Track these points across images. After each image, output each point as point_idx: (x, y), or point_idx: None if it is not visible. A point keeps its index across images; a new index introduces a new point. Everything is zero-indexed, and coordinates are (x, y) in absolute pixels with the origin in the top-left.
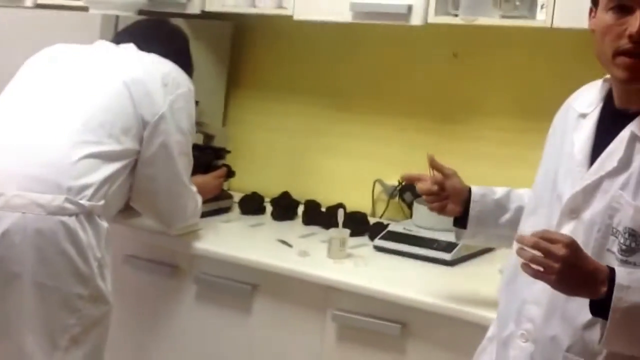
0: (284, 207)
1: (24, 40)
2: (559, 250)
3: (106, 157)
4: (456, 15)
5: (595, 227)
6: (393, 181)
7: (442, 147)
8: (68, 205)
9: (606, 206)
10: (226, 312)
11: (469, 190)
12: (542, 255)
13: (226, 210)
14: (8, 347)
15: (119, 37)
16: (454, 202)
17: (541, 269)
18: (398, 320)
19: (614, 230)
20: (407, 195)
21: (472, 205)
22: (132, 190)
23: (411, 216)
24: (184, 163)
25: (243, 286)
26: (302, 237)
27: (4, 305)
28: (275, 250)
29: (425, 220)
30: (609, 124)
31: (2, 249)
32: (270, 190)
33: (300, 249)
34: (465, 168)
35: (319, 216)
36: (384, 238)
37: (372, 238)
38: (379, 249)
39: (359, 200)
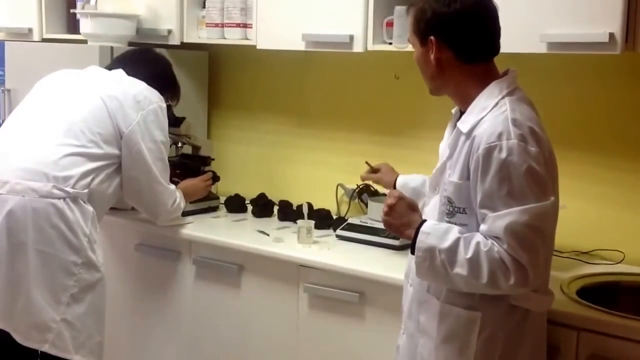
0: (262, 206)
1: (33, 68)
2: (388, 200)
3: (88, 156)
4: (390, 44)
5: (440, 199)
6: (352, 185)
7: (388, 156)
8: (55, 191)
9: (442, 182)
10: (219, 287)
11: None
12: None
13: (214, 209)
14: (21, 301)
15: (112, 64)
16: (386, 179)
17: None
18: (357, 290)
19: (445, 199)
20: (364, 196)
21: None
22: (122, 190)
23: (367, 212)
24: (159, 167)
25: (232, 266)
26: (277, 229)
27: (15, 266)
28: (256, 238)
29: (378, 215)
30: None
31: (10, 222)
32: (250, 192)
33: (276, 237)
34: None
35: (292, 213)
36: (344, 229)
37: (334, 229)
38: (341, 237)
39: (325, 201)
